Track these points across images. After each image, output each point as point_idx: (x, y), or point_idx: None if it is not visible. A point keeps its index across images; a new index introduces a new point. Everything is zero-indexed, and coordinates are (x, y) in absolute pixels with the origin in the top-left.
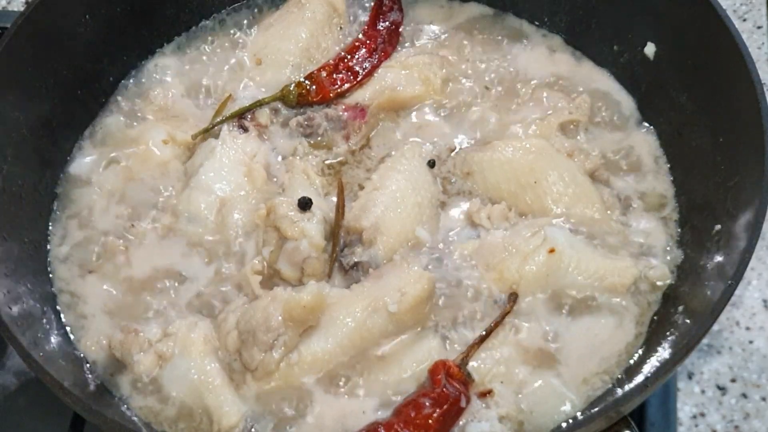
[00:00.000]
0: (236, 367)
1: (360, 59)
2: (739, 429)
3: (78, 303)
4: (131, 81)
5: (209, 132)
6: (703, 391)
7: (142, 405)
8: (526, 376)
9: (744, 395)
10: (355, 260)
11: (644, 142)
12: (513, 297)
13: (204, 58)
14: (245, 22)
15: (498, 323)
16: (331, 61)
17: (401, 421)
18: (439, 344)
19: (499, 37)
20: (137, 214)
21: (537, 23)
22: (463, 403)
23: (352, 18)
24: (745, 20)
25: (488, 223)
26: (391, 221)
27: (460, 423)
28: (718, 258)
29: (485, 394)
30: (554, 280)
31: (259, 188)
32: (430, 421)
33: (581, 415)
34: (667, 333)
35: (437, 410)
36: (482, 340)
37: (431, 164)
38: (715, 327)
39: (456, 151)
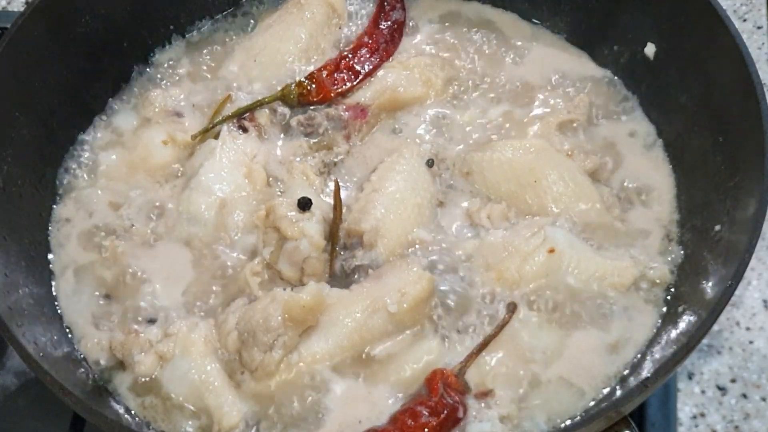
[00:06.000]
0: (236, 368)
1: (361, 59)
2: (739, 429)
3: (78, 303)
4: (131, 81)
5: (209, 132)
6: (703, 392)
7: (142, 405)
8: (527, 376)
9: (744, 395)
10: (356, 263)
11: (644, 142)
12: (512, 307)
13: (203, 58)
14: (245, 22)
15: (496, 333)
16: (332, 61)
17: (397, 428)
18: (439, 344)
19: (500, 37)
20: (137, 214)
21: (538, 23)
22: (460, 414)
23: (351, 18)
24: (745, 20)
25: (488, 222)
26: (391, 223)
27: (461, 423)
28: (718, 258)
29: (485, 394)
30: (554, 280)
31: (259, 189)
32: (426, 429)
33: (581, 415)
34: (667, 333)
35: (434, 420)
36: (480, 350)
37: (430, 164)
38: (715, 327)
39: (456, 151)
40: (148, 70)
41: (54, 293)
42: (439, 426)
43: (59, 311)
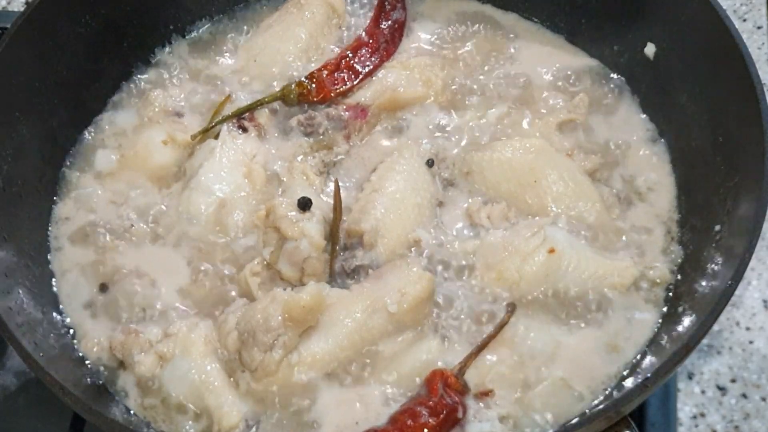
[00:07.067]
0: (236, 368)
1: (362, 58)
2: (739, 429)
3: (78, 303)
4: (131, 81)
5: (209, 132)
6: (703, 392)
7: (142, 405)
8: (527, 376)
9: (744, 395)
10: (356, 263)
11: (644, 142)
12: (511, 308)
13: (203, 58)
14: (245, 22)
15: (496, 333)
16: (333, 60)
17: (397, 428)
18: (439, 344)
19: (500, 37)
20: (137, 214)
21: (538, 23)
22: (459, 414)
23: (351, 18)
24: (745, 20)
25: (488, 222)
26: (391, 223)
27: (460, 423)
28: (718, 258)
29: (485, 394)
30: (554, 280)
31: (259, 189)
32: (426, 429)
33: (581, 415)
34: (667, 333)
35: (434, 420)
36: (479, 350)
37: (429, 164)
38: (715, 327)
39: (456, 150)
40: (148, 70)
41: (54, 293)
42: (438, 426)
43: (59, 311)
